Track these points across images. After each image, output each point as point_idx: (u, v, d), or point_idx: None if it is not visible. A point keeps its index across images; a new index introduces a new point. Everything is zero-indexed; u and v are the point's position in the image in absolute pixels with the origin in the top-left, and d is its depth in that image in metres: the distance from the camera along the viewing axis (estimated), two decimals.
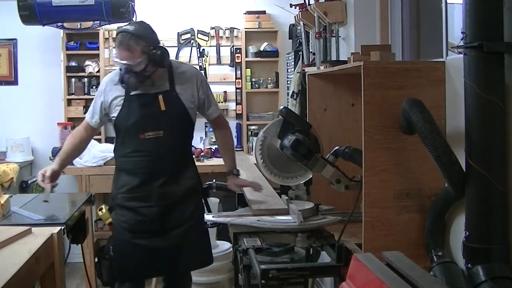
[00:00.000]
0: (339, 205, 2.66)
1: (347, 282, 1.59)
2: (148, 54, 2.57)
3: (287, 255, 2.38)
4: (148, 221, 2.66)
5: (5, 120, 4.90)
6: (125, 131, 2.69)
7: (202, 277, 3.66)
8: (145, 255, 2.67)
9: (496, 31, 1.74)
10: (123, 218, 2.69)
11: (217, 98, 5.10)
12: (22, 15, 4.21)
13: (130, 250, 2.69)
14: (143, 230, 2.67)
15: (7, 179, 4.13)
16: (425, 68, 2.20)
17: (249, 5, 5.10)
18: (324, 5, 3.41)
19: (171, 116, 2.69)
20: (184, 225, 2.71)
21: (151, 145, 2.66)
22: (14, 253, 1.73)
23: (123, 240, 2.70)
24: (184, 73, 2.76)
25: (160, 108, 2.66)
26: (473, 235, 1.83)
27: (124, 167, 2.72)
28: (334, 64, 2.76)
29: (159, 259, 2.68)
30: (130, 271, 2.73)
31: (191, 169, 2.80)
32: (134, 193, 2.67)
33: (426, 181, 2.17)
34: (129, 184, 2.68)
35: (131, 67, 2.57)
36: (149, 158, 2.66)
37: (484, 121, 1.79)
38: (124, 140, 2.71)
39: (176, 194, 2.69)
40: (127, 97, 2.67)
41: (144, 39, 2.60)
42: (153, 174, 2.67)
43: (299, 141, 2.33)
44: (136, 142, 2.66)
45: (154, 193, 2.66)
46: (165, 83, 2.70)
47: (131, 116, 2.66)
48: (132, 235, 2.67)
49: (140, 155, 2.66)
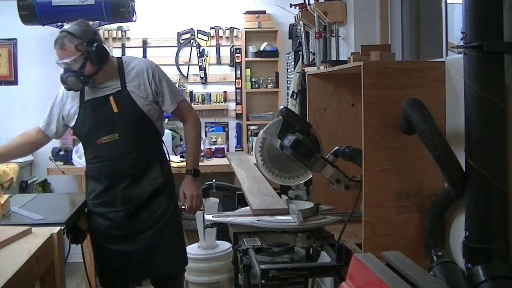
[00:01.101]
0: (339, 205, 2.65)
1: (347, 282, 1.59)
2: (82, 51, 2.55)
3: (287, 255, 2.38)
4: (116, 226, 2.64)
5: (5, 120, 4.89)
6: (83, 138, 2.72)
7: (202, 277, 3.67)
8: (119, 261, 2.64)
9: (496, 31, 1.74)
10: (95, 224, 2.69)
11: (217, 98, 5.11)
12: (22, 15, 4.21)
13: (105, 256, 2.69)
14: (113, 235, 2.65)
15: (7, 179, 4.13)
16: (425, 68, 2.20)
17: (249, 5, 5.11)
18: (324, 5, 3.41)
19: (125, 118, 2.63)
20: (154, 227, 2.67)
21: (108, 149, 2.63)
22: (14, 253, 1.73)
23: (98, 246, 2.71)
24: (133, 69, 2.69)
25: (113, 110, 2.62)
26: (473, 235, 1.83)
27: (89, 174, 2.74)
28: (334, 64, 2.76)
29: (132, 264, 2.65)
30: (108, 277, 2.73)
31: (156, 168, 2.70)
32: (100, 199, 2.67)
33: (426, 181, 2.16)
34: (95, 190, 2.69)
35: (69, 66, 2.57)
36: (108, 163, 2.64)
37: (484, 121, 1.79)
38: (85, 147, 2.75)
39: (140, 196, 2.65)
40: (82, 104, 2.67)
41: (78, 37, 2.55)
42: (115, 178, 2.64)
43: (299, 141, 2.33)
44: (94, 148, 2.66)
45: (118, 197, 2.64)
46: (116, 83, 2.66)
47: (86, 122, 2.65)
48: (104, 240, 2.67)
49: (100, 161, 2.66)
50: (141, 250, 2.64)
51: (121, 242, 2.65)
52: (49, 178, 4.81)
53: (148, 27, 4.99)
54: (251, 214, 2.50)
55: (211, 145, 5.01)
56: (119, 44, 5.00)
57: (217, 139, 5.07)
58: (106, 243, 2.67)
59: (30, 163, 4.88)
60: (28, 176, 4.77)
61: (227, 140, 5.19)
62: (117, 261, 2.65)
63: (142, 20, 4.70)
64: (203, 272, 3.65)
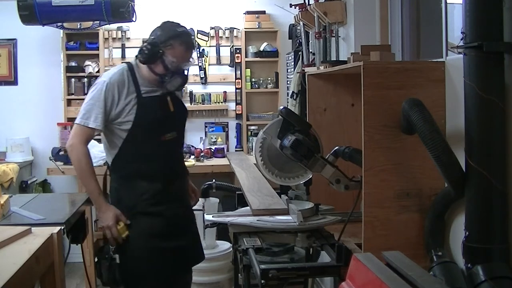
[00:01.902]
0: (339, 205, 2.65)
1: (347, 282, 1.59)
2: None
3: (287, 255, 2.38)
4: (173, 223, 2.65)
5: (5, 120, 4.90)
6: (143, 134, 2.59)
7: (202, 277, 3.67)
8: (173, 257, 2.66)
9: (496, 31, 1.74)
10: (147, 225, 2.60)
11: (217, 98, 5.12)
12: (22, 15, 4.21)
13: (157, 255, 2.62)
14: (171, 232, 2.64)
15: (7, 179, 4.13)
16: (425, 68, 2.20)
17: (249, 5, 5.11)
18: (324, 5, 3.41)
19: (179, 117, 2.76)
20: (194, 220, 2.84)
21: (169, 147, 2.67)
22: (14, 253, 1.73)
23: (151, 247, 2.60)
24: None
25: (170, 108, 2.68)
26: (473, 235, 1.83)
27: (141, 173, 2.60)
28: (334, 64, 2.76)
29: (185, 257, 2.74)
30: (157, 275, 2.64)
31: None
32: (158, 198, 2.61)
33: (426, 181, 2.16)
34: (151, 189, 2.59)
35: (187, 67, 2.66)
36: (168, 160, 2.66)
37: (484, 121, 1.79)
38: (140, 144, 2.59)
39: (186, 192, 2.83)
40: (140, 99, 2.58)
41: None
42: (172, 175, 2.68)
43: (299, 141, 2.33)
44: (155, 144, 2.62)
45: (175, 195, 2.69)
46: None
47: (151, 118, 2.59)
48: (159, 239, 2.60)
49: (159, 158, 2.62)
50: (190, 243, 2.76)
51: (178, 239, 2.67)
52: (49, 178, 4.81)
53: (148, 27, 4.94)
54: (251, 214, 2.49)
55: (211, 145, 5.01)
56: (119, 44, 5.00)
57: (217, 139, 5.07)
58: (160, 242, 2.61)
59: (30, 163, 4.89)
60: (28, 176, 4.77)
61: (227, 140, 5.19)
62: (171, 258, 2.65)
63: (142, 20, 4.70)
64: (203, 272, 3.64)
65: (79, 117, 2.56)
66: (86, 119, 2.53)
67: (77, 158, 2.54)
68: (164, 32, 2.59)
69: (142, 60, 2.57)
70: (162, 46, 2.54)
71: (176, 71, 2.59)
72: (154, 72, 2.58)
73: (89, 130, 2.55)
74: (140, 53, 2.57)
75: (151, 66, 2.57)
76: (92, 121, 2.53)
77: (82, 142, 2.55)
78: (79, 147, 2.54)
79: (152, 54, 2.54)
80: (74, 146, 2.55)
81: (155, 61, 2.56)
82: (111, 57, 4.96)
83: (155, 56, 2.54)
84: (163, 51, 2.54)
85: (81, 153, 2.53)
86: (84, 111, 2.55)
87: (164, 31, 2.59)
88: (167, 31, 2.59)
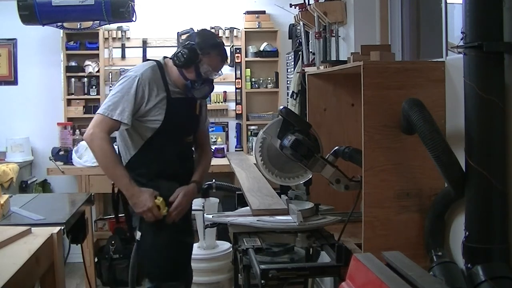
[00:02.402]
0: (339, 205, 2.66)
1: (347, 282, 1.59)
2: None
3: (287, 255, 2.38)
4: (185, 220, 2.68)
5: (5, 120, 4.90)
6: (168, 134, 2.57)
7: (202, 277, 3.67)
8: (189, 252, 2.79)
9: (496, 31, 1.74)
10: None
11: (217, 98, 5.12)
12: (22, 15, 4.21)
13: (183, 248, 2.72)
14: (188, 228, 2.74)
15: (7, 179, 4.13)
16: (425, 68, 2.20)
17: (249, 5, 5.11)
18: (324, 5, 3.41)
19: (200, 121, 2.79)
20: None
21: (188, 148, 2.73)
22: (14, 253, 1.73)
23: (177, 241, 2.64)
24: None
25: (196, 112, 2.72)
26: (473, 235, 1.83)
27: (162, 173, 2.60)
28: (334, 64, 2.76)
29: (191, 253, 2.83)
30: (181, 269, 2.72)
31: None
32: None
33: (426, 181, 2.16)
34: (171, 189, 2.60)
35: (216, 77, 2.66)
36: (185, 161, 2.71)
37: (484, 121, 1.79)
38: (164, 144, 2.57)
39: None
40: (170, 99, 2.57)
41: None
42: (188, 176, 2.71)
43: (299, 141, 2.33)
44: (178, 145, 2.64)
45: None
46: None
47: (179, 119, 2.60)
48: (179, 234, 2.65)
49: (179, 159, 2.65)
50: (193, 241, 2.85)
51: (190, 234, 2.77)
52: (49, 178, 4.81)
53: (148, 27, 5.00)
54: (251, 214, 2.50)
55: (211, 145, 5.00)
56: (119, 44, 5.00)
57: (217, 139, 5.07)
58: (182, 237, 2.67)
59: (30, 163, 4.89)
60: (28, 176, 4.77)
61: (227, 140, 5.19)
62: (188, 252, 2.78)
63: (142, 20, 4.71)
64: (203, 272, 3.65)
65: (102, 108, 2.48)
66: (111, 110, 2.45)
67: (99, 147, 2.45)
68: (204, 39, 2.59)
69: (178, 63, 2.54)
70: (200, 53, 2.54)
71: (206, 79, 2.60)
72: (184, 77, 2.58)
73: (112, 122, 2.46)
74: (177, 56, 2.54)
75: (183, 71, 2.57)
76: (118, 113, 2.45)
77: (103, 131, 2.45)
78: (101, 135, 2.44)
79: (190, 59, 2.53)
80: (95, 134, 2.44)
81: (189, 67, 2.55)
82: (111, 57, 4.96)
83: (192, 61, 2.53)
84: (200, 59, 2.54)
85: (104, 141, 2.43)
86: (110, 103, 2.47)
87: (203, 38, 2.59)
88: (207, 39, 2.61)
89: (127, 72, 2.59)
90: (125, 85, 2.50)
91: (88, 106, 4.91)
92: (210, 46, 2.58)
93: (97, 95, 4.91)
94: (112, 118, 2.45)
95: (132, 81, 2.49)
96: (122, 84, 2.51)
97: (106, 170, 2.51)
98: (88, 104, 4.93)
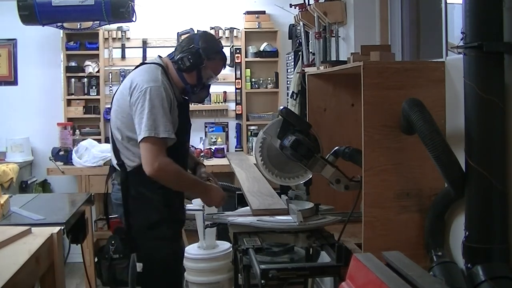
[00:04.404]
0: (339, 205, 2.65)
1: (347, 282, 1.59)
2: None
3: (287, 255, 2.37)
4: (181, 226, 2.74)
5: (5, 120, 4.90)
6: (180, 143, 2.51)
7: (202, 277, 3.66)
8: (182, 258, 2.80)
9: (496, 31, 1.74)
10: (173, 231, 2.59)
11: (217, 98, 5.12)
12: (22, 15, 4.22)
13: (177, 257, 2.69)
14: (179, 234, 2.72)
15: (7, 179, 4.13)
16: (425, 68, 2.20)
17: (249, 5, 5.11)
18: (324, 5, 3.41)
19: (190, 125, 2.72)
20: None
21: (186, 153, 2.71)
22: (14, 253, 1.73)
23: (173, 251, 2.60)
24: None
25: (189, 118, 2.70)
26: (473, 235, 1.83)
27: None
28: (334, 64, 2.76)
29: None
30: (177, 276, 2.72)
31: None
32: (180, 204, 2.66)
33: (426, 181, 2.16)
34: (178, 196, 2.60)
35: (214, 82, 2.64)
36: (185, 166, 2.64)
37: (484, 121, 1.79)
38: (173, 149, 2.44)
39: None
40: (178, 104, 2.52)
41: None
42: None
43: (299, 141, 2.33)
44: (182, 150, 2.60)
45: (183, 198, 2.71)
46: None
47: (185, 126, 2.60)
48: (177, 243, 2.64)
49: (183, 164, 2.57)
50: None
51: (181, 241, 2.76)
52: (49, 178, 4.81)
53: (148, 27, 5.00)
54: (251, 214, 2.50)
55: (211, 145, 5.01)
56: (119, 45, 5.00)
57: (217, 139, 5.07)
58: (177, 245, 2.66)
59: (30, 163, 4.89)
60: (28, 176, 4.77)
61: (227, 140, 5.19)
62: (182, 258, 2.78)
63: (142, 20, 4.71)
64: (203, 272, 3.64)
65: (144, 130, 2.32)
66: (154, 129, 2.32)
67: (173, 171, 2.37)
68: (209, 44, 2.53)
69: (182, 67, 2.49)
70: (205, 58, 2.50)
71: (205, 84, 2.58)
72: (184, 81, 2.53)
73: (161, 140, 2.34)
74: (182, 60, 2.48)
75: (184, 74, 2.52)
76: (162, 130, 2.33)
77: (161, 154, 2.33)
78: (165, 160, 2.33)
79: (194, 64, 2.48)
80: (163, 163, 2.32)
81: (192, 71, 2.51)
82: (111, 57, 4.96)
83: (196, 66, 2.50)
84: (205, 64, 2.51)
85: (171, 164, 2.35)
86: (151, 121, 2.32)
87: (208, 43, 2.54)
88: (212, 44, 2.56)
89: (143, 84, 2.40)
90: (154, 98, 2.36)
91: (88, 106, 4.92)
92: (216, 52, 2.55)
93: (97, 95, 4.91)
94: (159, 137, 2.33)
95: (158, 93, 2.37)
96: (150, 100, 2.36)
97: (184, 188, 2.56)
98: (88, 104, 4.93)
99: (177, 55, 2.52)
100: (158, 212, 2.48)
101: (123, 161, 2.49)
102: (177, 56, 2.52)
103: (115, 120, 2.50)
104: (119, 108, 2.48)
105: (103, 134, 4.88)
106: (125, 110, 2.44)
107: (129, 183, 2.47)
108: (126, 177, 2.47)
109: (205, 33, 2.71)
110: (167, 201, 2.49)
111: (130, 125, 2.42)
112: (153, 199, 2.46)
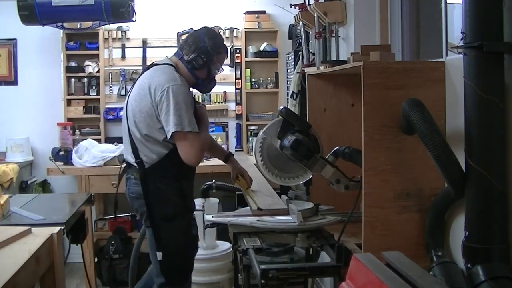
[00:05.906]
0: (339, 205, 2.65)
1: (347, 282, 1.59)
2: None
3: (287, 255, 2.38)
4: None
5: (5, 120, 4.90)
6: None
7: (202, 277, 3.66)
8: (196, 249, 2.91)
9: (496, 31, 1.74)
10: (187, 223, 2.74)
11: (216, 98, 5.12)
12: (22, 15, 4.21)
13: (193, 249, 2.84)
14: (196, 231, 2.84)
15: (7, 179, 4.13)
16: (425, 68, 2.20)
17: (249, 5, 5.11)
18: (324, 5, 3.40)
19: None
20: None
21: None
22: (14, 253, 1.73)
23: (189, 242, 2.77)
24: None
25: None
26: (473, 235, 1.83)
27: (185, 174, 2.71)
28: (334, 64, 2.76)
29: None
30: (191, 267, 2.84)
31: None
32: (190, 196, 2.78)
33: (426, 181, 2.17)
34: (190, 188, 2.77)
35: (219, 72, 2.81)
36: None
37: (484, 121, 1.79)
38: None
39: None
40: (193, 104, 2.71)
41: None
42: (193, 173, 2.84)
43: (299, 141, 2.33)
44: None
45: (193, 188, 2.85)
46: None
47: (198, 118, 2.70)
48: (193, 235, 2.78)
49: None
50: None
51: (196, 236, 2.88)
52: (49, 178, 4.81)
53: (148, 27, 4.99)
54: (251, 214, 2.50)
55: None
56: (119, 44, 5.00)
57: (217, 139, 5.06)
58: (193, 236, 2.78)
59: (30, 163, 4.88)
60: (28, 176, 4.77)
61: (227, 140, 5.18)
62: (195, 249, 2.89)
63: (142, 20, 4.70)
64: (203, 272, 3.64)
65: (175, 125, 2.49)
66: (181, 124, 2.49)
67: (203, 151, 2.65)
68: (214, 40, 2.71)
69: (197, 66, 2.66)
70: (214, 55, 2.68)
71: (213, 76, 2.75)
72: (195, 76, 2.70)
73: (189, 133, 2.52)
74: (195, 60, 2.65)
75: (196, 72, 2.69)
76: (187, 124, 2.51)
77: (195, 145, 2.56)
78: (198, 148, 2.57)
79: (206, 62, 2.67)
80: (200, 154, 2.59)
81: (203, 68, 2.69)
82: (111, 57, 4.96)
83: (207, 63, 2.67)
84: (214, 59, 2.68)
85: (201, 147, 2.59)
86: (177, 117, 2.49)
87: (213, 39, 2.71)
88: (216, 39, 2.74)
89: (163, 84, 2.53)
90: (177, 96, 2.50)
91: (88, 107, 4.91)
92: (221, 46, 2.74)
93: (97, 95, 4.91)
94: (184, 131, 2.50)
95: (180, 90, 2.52)
96: (174, 97, 2.50)
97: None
98: (88, 105, 4.93)
99: (189, 55, 2.67)
100: (174, 205, 2.64)
101: (142, 159, 2.62)
102: (190, 56, 2.67)
103: (133, 118, 2.62)
104: (138, 107, 2.60)
105: (103, 134, 4.88)
106: (143, 109, 2.57)
107: (148, 179, 2.61)
108: (144, 174, 2.61)
109: (208, 29, 2.80)
110: (182, 192, 2.66)
111: (148, 123, 2.56)
112: (169, 193, 2.63)
